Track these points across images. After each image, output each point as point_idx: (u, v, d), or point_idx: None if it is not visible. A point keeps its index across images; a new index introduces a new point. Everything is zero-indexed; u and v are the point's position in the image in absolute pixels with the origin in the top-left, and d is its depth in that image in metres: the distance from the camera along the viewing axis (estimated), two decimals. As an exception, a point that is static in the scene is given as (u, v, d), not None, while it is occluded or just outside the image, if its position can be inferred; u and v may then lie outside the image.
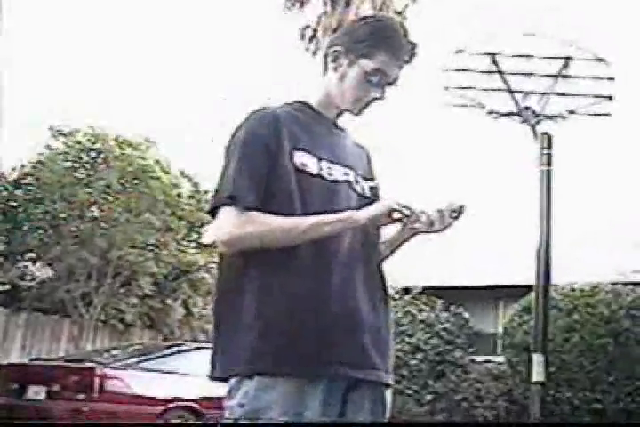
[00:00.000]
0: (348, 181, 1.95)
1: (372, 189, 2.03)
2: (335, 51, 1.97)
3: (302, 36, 15.00)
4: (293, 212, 1.82)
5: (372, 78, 1.94)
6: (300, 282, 1.79)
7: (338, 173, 1.93)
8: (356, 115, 2.02)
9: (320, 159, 1.91)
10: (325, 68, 2.02)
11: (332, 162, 1.93)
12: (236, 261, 1.84)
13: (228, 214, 1.81)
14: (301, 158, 1.87)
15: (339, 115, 2.04)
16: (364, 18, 2.07)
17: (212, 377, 1.85)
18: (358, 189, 1.98)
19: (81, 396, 7.24)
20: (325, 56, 2.01)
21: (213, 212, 1.85)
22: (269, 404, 1.73)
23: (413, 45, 1.97)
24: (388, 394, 1.96)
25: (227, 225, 1.80)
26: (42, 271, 14.27)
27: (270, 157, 1.84)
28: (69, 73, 26.99)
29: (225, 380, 1.82)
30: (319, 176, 1.89)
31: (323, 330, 1.78)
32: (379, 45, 1.93)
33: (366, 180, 2.03)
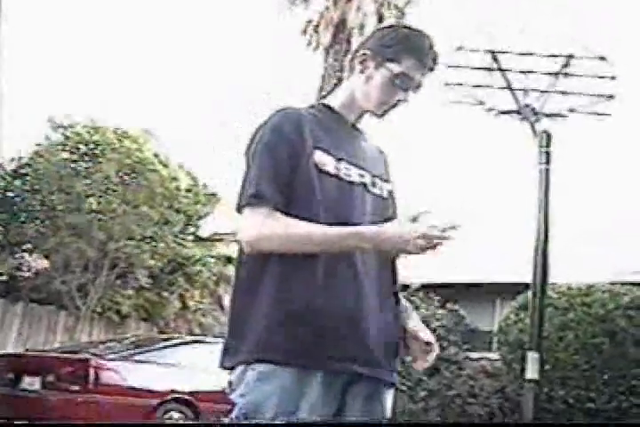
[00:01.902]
0: (363, 183, 1.98)
1: (389, 191, 2.07)
2: (364, 54, 2.03)
3: (304, 31, 14.98)
4: (315, 208, 1.85)
5: (398, 81, 1.99)
6: (317, 276, 1.82)
7: (355, 174, 1.97)
8: (379, 117, 2.05)
9: (339, 160, 1.95)
10: (351, 72, 2.07)
11: (349, 163, 1.97)
12: (258, 254, 1.86)
13: (253, 214, 1.84)
14: (321, 157, 1.91)
15: (359, 117, 2.07)
16: (393, 26, 2.13)
17: (222, 366, 1.90)
18: (376, 191, 2.01)
19: (76, 387, 7.24)
20: (352, 59, 2.07)
21: (239, 211, 1.87)
22: (268, 395, 1.78)
23: (436, 55, 2.04)
24: (390, 394, 1.99)
25: (252, 226, 1.83)
26: (38, 262, 14.27)
27: (294, 154, 1.87)
28: (70, 65, 26.95)
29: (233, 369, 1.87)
30: (336, 176, 1.92)
31: (330, 324, 1.81)
32: (407, 51, 1.99)
33: (384, 181, 2.07)
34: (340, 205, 1.89)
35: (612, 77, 10.20)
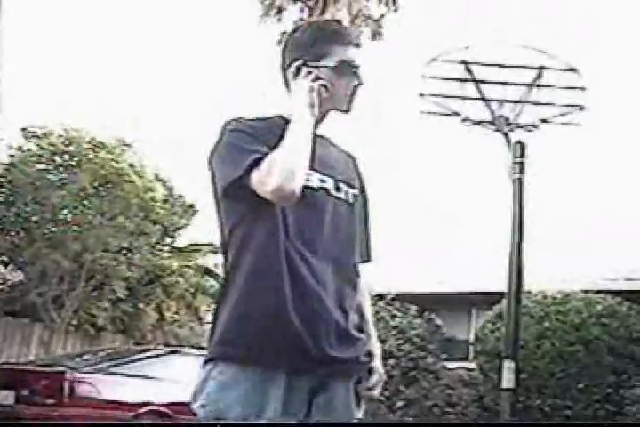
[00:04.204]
0: (324, 188, 1.99)
1: (355, 196, 2.07)
2: (297, 66, 2.03)
3: (279, 42, 15.04)
4: (266, 210, 1.90)
5: (343, 70, 2.02)
6: (279, 278, 1.87)
7: (315, 179, 1.98)
8: (346, 112, 2.07)
9: None
10: (289, 87, 2.07)
11: (309, 169, 1.97)
12: (233, 254, 1.94)
13: (255, 175, 1.85)
14: None
15: (317, 124, 2.06)
16: (297, 28, 2.18)
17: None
18: (341, 195, 2.03)
19: (50, 401, 7.16)
20: (285, 77, 2.08)
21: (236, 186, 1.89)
22: (230, 404, 1.83)
23: (350, 31, 2.11)
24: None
25: (262, 179, 1.83)
26: (13, 274, 14.12)
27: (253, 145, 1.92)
28: (46, 72, 26.76)
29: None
30: None
31: (290, 325, 1.85)
32: (329, 40, 2.03)
33: (350, 186, 2.07)
34: (298, 210, 1.92)
35: (582, 88, 10.34)
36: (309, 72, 1.99)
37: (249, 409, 1.81)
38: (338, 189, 2.02)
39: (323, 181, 1.99)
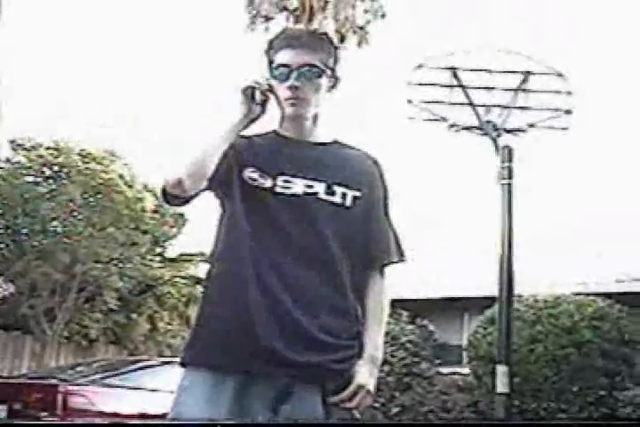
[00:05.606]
0: (312, 193, 1.99)
1: (355, 198, 2.05)
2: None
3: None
4: (237, 217, 1.98)
5: (277, 74, 2.05)
6: (239, 284, 1.92)
7: (299, 186, 1.99)
8: (298, 117, 2.07)
9: (276, 175, 2.00)
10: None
11: (293, 176, 2.00)
12: (210, 263, 2.05)
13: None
14: (251, 174, 2.00)
15: (301, 132, 2.09)
16: None
17: None
18: (335, 199, 2.01)
19: (44, 414, 7.12)
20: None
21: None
22: (186, 407, 1.91)
23: (299, 32, 2.13)
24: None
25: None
26: (4, 287, 14.07)
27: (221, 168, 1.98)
28: (46, 73, 26.70)
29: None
30: (270, 190, 1.99)
31: (245, 328, 1.88)
32: (272, 48, 2.10)
33: (351, 188, 2.05)
34: (268, 215, 1.97)
35: (569, 92, 10.40)
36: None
37: (201, 413, 1.86)
38: (332, 193, 2.01)
39: (310, 186, 2.00)
